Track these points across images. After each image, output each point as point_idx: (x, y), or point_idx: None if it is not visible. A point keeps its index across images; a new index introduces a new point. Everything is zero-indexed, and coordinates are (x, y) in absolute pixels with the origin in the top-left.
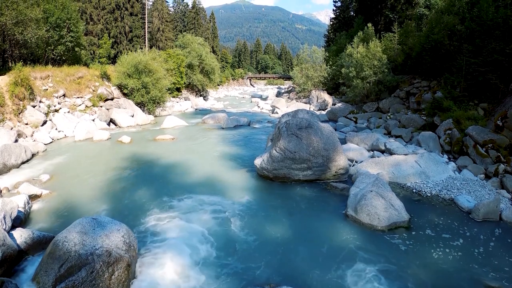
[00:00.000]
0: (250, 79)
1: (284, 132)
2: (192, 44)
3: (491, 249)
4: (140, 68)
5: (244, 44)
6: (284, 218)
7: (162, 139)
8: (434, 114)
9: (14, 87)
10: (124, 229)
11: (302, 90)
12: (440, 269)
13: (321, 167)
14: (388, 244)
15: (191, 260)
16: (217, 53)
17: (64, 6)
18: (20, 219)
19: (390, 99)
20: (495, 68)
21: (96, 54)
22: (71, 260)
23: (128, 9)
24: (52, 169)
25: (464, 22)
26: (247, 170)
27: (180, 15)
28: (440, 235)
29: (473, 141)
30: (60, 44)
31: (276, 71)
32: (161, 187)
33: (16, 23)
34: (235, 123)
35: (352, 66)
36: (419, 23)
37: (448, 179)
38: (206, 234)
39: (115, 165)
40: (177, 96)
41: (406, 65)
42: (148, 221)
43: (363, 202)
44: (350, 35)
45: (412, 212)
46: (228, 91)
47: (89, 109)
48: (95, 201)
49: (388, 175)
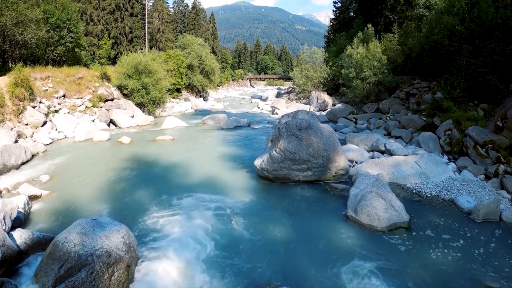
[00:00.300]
0: (250, 80)
1: (284, 133)
2: (192, 45)
3: (491, 250)
4: (140, 69)
5: (244, 45)
6: (284, 219)
7: (162, 140)
8: (434, 114)
9: (14, 88)
10: (124, 230)
11: (302, 91)
12: (440, 270)
13: (321, 167)
14: (388, 245)
15: (191, 260)
16: (217, 54)
17: (64, 6)
18: (20, 219)
19: (390, 99)
20: (495, 69)
21: (96, 55)
22: (71, 261)
23: (128, 10)
24: (52, 170)
25: (464, 22)
26: (247, 171)
27: (180, 16)
28: (440, 236)
29: (473, 141)
30: (60, 44)
31: (276, 72)
32: (161, 187)
33: (16, 24)
34: (235, 123)
35: (352, 67)
36: (419, 23)
37: (448, 180)
38: (206, 235)
39: (115, 166)
40: (177, 97)
41: (406, 65)
42: (148, 221)
43: (363, 203)
44: (350, 35)
45: (412, 213)
46: (228, 92)
47: (89, 110)
48: (95, 202)
49: (388, 175)
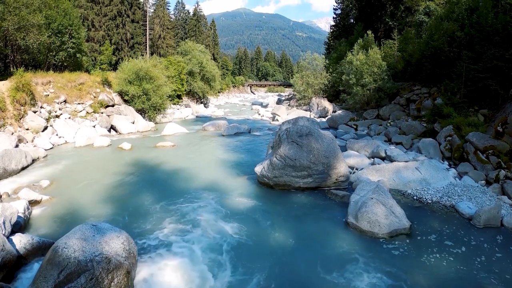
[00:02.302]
0: (251, 87)
1: (284, 139)
2: (193, 51)
3: (493, 256)
4: (141, 75)
5: (245, 52)
6: (284, 226)
7: (162, 146)
8: (434, 120)
9: (16, 92)
10: (124, 236)
11: (302, 98)
12: (441, 277)
13: (321, 174)
14: (389, 252)
15: (190, 267)
16: (218, 61)
17: (66, 12)
18: (20, 224)
19: (390, 106)
20: (494, 74)
21: (97, 61)
22: (71, 267)
23: (129, 16)
24: (52, 175)
25: (463, 28)
26: (247, 178)
27: (181, 22)
28: (441, 242)
29: (473, 147)
30: (62, 50)
31: (276, 78)
32: (161, 194)
33: (19, 29)
34: (236, 130)
35: (352, 73)
36: (418, 30)
37: (449, 186)
38: (206, 241)
39: (115, 172)
40: (177, 103)
41: (406, 72)
42: (147, 227)
43: (364, 209)
44: (350, 42)
45: (413, 219)
46: (229, 98)
47: (90, 115)
48: (95, 208)
49: (388, 182)
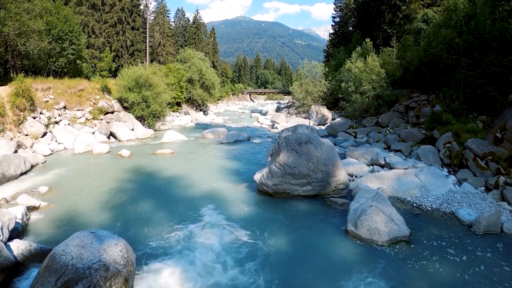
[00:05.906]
0: (250, 94)
1: (283, 147)
2: (192, 58)
3: (493, 262)
4: (140, 82)
5: (244, 59)
6: (283, 234)
7: (161, 154)
8: (433, 127)
9: (15, 98)
10: (122, 243)
11: (301, 105)
12: (442, 284)
13: (321, 182)
14: (389, 259)
15: (189, 275)
16: (217, 68)
17: (67, 19)
18: (18, 230)
19: (389, 113)
20: (493, 81)
21: (97, 67)
22: (68, 274)
23: (130, 23)
24: (51, 181)
25: (461, 35)
26: (246, 186)
27: (181, 30)
28: (441, 249)
29: (472, 154)
30: (62, 56)
31: (275, 86)
32: (160, 201)
33: (19, 34)
34: (235, 138)
35: (351, 81)
36: (417, 37)
37: (448, 193)
38: (205, 250)
39: (114, 179)
40: (177, 111)
41: (405, 79)
42: (146, 235)
43: (363, 217)
44: (349, 50)
45: (413, 227)
46: (228, 106)
47: (89, 122)
48: (93, 215)
49: (388, 189)
